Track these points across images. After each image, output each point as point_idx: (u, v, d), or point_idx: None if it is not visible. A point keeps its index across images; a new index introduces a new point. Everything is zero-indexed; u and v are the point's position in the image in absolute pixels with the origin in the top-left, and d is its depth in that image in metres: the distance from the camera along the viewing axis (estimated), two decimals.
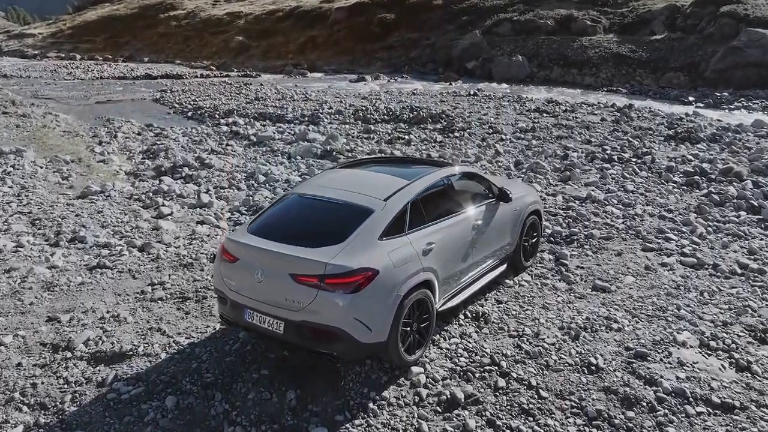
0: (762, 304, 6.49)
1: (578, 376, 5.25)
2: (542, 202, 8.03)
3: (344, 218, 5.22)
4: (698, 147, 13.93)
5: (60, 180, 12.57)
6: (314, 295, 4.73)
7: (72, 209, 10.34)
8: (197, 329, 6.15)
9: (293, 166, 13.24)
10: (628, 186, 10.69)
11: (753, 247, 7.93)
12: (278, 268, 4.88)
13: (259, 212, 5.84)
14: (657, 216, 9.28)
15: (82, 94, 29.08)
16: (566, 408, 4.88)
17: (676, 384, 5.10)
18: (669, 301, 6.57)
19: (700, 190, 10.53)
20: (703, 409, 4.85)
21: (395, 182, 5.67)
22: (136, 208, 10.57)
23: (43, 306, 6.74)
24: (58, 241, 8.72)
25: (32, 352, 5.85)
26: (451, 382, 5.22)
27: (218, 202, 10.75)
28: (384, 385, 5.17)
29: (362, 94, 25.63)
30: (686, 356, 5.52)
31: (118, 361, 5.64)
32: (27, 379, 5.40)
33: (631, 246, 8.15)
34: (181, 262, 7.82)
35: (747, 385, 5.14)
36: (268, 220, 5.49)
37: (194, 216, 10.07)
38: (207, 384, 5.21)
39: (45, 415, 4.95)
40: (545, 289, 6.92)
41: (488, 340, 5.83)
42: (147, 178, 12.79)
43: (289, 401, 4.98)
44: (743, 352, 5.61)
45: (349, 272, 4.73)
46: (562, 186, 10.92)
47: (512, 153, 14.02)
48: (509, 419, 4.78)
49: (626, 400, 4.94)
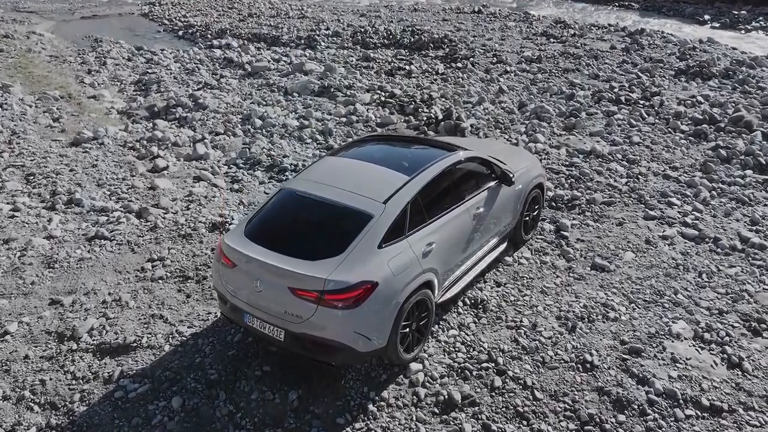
0: (759, 288, 6.53)
1: (573, 375, 5.38)
2: (545, 173, 7.84)
3: (343, 225, 5.11)
4: (710, 85, 13.45)
5: (51, 122, 12.25)
6: (314, 309, 4.73)
7: (66, 162, 10.15)
8: (199, 316, 6.23)
9: (290, 106, 12.83)
10: (633, 137, 10.41)
11: (756, 217, 7.87)
12: (277, 281, 4.84)
13: (255, 210, 5.70)
14: (661, 175, 9.12)
15: (65, 6, 27.66)
16: (560, 411, 5.04)
17: (668, 384, 5.23)
18: (667, 284, 6.60)
19: (707, 143, 10.28)
20: (692, 412, 5.01)
21: (395, 179, 5.50)
22: (131, 159, 10.37)
23: (45, 286, 6.78)
24: (54, 204, 8.63)
25: (38, 341, 5.95)
26: (448, 380, 5.35)
27: (214, 153, 10.53)
28: (383, 384, 5.31)
29: (361, 10, 24.38)
30: (680, 351, 5.62)
31: (123, 353, 5.76)
32: (36, 373, 5.54)
33: (633, 214, 8.07)
34: (179, 233, 7.78)
35: (737, 385, 5.27)
36: (264, 223, 5.37)
37: (191, 170, 9.90)
38: (211, 382, 5.35)
39: (56, 415, 5.11)
40: (544, 268, 6.93)
41: (486, 332, 5.92)
42: (140, 120, 12.46)
43: (291, 402, 5.14)
44: (736, 346, 5.71)
45: (348, 287, 4.70)
46: (567, 136, 10.65)
47: (516, 90, 13.55)
48: (504, 423, 4.95)
49: (618, 403, 5.09)
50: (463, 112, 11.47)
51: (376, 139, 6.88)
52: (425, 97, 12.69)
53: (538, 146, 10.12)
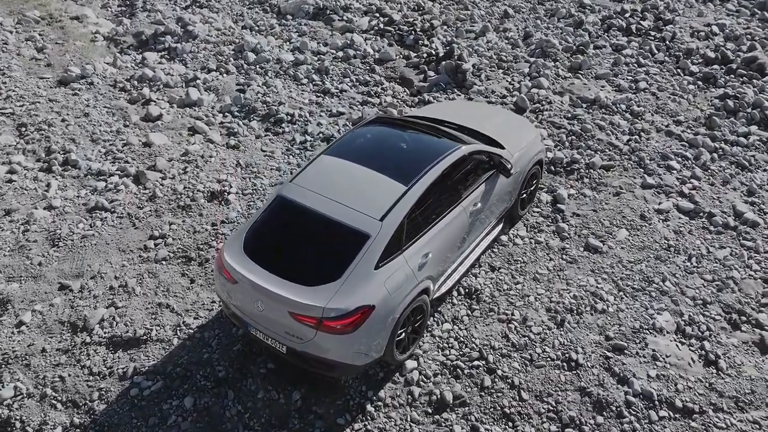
0: (745, 274, 6.73)
1: (558, 374, 5.75)
2: (545, 148, 7.73)
3: (339, 245, 5.19)
4: (727, 8, 12.69)
5: (35, 54, 11.74)
6: (314, 333, 4.97)
7: (56, 109, 9.90)
8: (204, 305, 6.49)
9: (285, 33, 12.22)
10: (640, 83, 10.06)
11: (753, 187, 7.88)
12: (277, 306, 5.03)
13: (252, 218, 5.72)
14: (664, 131, 8.97)
15: None
16: (543, 412, 5.47)
17: (646, 384, 5.61)
18: (656, 269, 6.79)
19: (716, 89, 9.96)
20: (666, 413, 5.43)
21: (391, 190, 5.47)
22: (122, 104, 10.12)
23: (52, 268, 6.98)
24: (51, 166, 8.60)
25: (53, 332, 6.27)
26: (441, 379, 5.73)
27: (207, 98, 10.24)
28: (381, 383, 5.69)
29: None
30: (661, 348, 5.95)
31: (134, 346, 6.10)
32: (54, 368, 5.91)
33: (631, 181, 8.07)
34: (178, 203, 7.84)
35: (710, 385, 5.65)
36: (261, 238, 5.42)
37: (185, 119, 9.71)
38: (219, 380, 5.73)
39: (78, 414, 5.55)
40: (538, 249, 7.08)
41: (478, 326, 6.20)
42: (128, 50, 11.94)
43: (294, 402, 5.55)
44: (715, 342, 6.03)
45: (346, 314, 4.90)
46: (571, 80, 10.29)
47: (523, 12, 12.81)
48: (491, 424, 5.39)
49: (598, 404, 5.50)
50: (465, 49, 10.96)
51: (378, 122, 6.65)
52: (426, 26, 12.05)
53: (541, 93, 9.83)
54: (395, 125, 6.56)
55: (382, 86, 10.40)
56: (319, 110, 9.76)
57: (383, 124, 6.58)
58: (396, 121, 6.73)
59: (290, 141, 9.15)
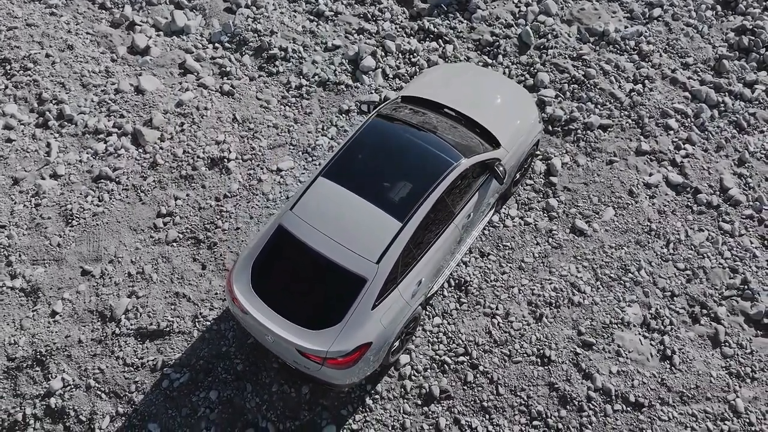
0: (715, 263, 7.25)
1: (531, 369, 6.62)
2: (542, 128, 7.63)
3: (339, 288, 5.65)
4: None
5: None
6: (319, 367, 5.69)
7: (36, 38, 9.44)
8: (217, 294, 7.13)
9: None
10: (655, 8, 9.40)
11: (746, 156, 7.98)
12: (285, 343, 5.67)
13: (255, 244, 6.06)
14: (669, 79, 8.72)
15: None
16: (516, 405, 6.44)
17: (607, 380, 6.50)
18: (635, 256, 7.28)
19: (735, 16, 9.37)
20: (620, 406, 6.41)
21: (387, 228, 5.75)
22: (105, 29, 9.62)
23: (71, 250, 7.47)
24: (46, 121, 8.58)
25: (84, 321, 7.02)
26: (430, 373, 6.61)
27: (194, 22, 9.67)
28: (378, 377, 6.58)
29: None
30: (626, 343, 6.73)
31: (159, 337, 6.88)
32: (92, 359, 6.77)
33: (627, 145, 8.13)
34: (180, 173, 8.02)
35: (662, 380, 6.55)
36: (266, 274, 5.83)
37: (174, 53, 9.33)
38: (238, 373, 6.62)
39: (121, 404, 6.54)
40: (527, 232, 7.49)
41: (465, 320, 6.90)
42: None
43: (304, 395, 6.50)
44: (674, 336, 6.79)
45: (346, 354, 5.58)
46: (582, 5, 9.58)
47: None
48: (471, 416, 6.40)
49: (563, 399, 6.45)
50: None
51: (378, 123, 6.57)
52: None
53: (548, 22, 9.29)
54: (393, 132, 6.47)
55: (379, 6, 9.75)
56: (314, 42, 9.32)
57: (382, 127, 6.51)
58: (395, 121, 6.62)
59: (285, 84, 8.94)
